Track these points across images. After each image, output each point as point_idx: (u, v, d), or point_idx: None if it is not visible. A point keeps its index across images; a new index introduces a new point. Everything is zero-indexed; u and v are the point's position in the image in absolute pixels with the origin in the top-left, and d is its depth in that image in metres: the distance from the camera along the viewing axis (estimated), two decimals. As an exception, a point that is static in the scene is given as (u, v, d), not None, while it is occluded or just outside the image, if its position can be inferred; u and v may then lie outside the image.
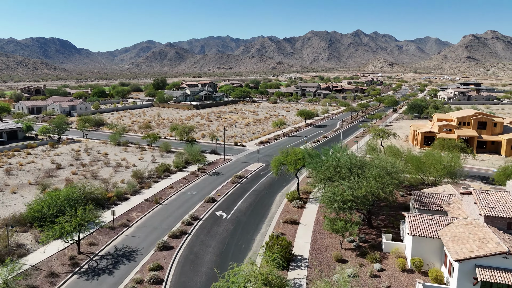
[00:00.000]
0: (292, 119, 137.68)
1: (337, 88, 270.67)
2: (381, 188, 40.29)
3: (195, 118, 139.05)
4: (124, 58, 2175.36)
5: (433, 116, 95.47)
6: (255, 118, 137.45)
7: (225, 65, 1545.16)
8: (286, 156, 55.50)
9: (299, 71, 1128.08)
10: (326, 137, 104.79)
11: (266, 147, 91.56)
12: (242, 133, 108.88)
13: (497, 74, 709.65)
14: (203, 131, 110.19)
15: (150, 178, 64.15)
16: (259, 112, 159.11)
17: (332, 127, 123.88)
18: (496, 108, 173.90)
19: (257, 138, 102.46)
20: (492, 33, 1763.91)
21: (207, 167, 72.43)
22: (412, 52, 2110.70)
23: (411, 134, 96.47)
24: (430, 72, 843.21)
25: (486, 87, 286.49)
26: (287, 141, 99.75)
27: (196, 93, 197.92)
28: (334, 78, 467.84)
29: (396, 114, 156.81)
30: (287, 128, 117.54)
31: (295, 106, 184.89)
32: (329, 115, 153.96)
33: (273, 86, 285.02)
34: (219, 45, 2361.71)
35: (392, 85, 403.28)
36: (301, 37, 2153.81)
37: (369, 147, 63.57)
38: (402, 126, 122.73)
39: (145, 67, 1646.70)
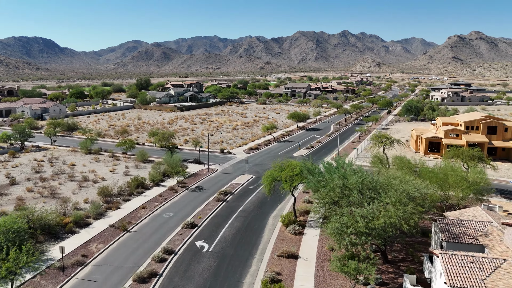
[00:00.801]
0: (282, 122, 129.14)
1: (327, 89, 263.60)
2: (403, 218, 31.76)
3: (178, 121, 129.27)
4: (109, 57, 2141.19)
5: (436, 120, 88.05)
6: (243, 121, 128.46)
7: (213, 65, 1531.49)
8: (280, 171, 46.68)
9: (287, 71, 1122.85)
10: (320, 142, 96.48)
11: (256, 155, 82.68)
12: (229, 138, 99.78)
13: (483, 74, 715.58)
14: (186, 136, 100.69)
15: (120, 196, 54.62)
16: (247, 114, 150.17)
17: (326, 130, 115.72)
18: (492, 109, 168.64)
19: (246, 144, 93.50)
20: (477, 33, 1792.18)
21: (189, 180, 63.17)
22: (399, 53, 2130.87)
23: (412, 139, 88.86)
24: (418, 72, 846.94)
25: (477, 87, 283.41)
26: (278, 147, 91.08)
27: (181, 94, 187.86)
28: (323, 78, 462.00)
29: (391, 116, 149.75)
30: (278, 132, 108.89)
31: (285, 107, 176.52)
32: (321, 117, 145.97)
33: (262, 86, 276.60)
34: (206, 45, 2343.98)
35: (382, 85, 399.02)
36: (289, 37, 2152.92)
37: (375, 158, 55.08)
38: (400, 129, 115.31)
39: (131, 67, 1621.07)
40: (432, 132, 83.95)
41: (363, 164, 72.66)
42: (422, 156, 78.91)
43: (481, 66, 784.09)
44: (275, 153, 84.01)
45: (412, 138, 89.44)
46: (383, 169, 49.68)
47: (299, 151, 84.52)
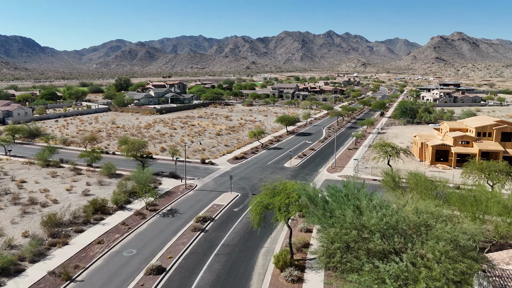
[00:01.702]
0: (271, 126, 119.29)
1: (316, 89, 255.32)
2: (453, 280, 22.07)
3: (157, 125, 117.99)
4: (92, 57, 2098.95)
5: (441, 125, 79.55)
6: (228, 125, 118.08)
7: (198, 64, 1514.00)
8: (272, 196, 36.62)
9: (273, 71, 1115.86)
10: (313, 149, 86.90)
11: (242, 166, 72.50)
12: (212, 145, 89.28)
13: (467, 74, 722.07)
14: (164, 143, 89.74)
15: (73, 225, 43.76)
16: (232, 117, 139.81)
17: (318, 135, 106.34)
18: (487, 110, 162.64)
19: (231, 152, 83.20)
20: (459, 34, 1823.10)
21: (161, 200, 52.59)
22: (383, 53, 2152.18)
23: (415, 146, 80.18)
24: (403, 72, 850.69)
25: (466, 87, 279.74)
26: (267, 155, 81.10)
27: (162, 95, 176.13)
28: (310, 79, 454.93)
29: (385, 118, 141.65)
30: (266, 138, 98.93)
31: (272, 109, 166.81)
32: (312, 119, 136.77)
33: (248, 86, 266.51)
34: (191, 45, 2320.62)
35: (370, 85, 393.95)
36: (275, 37, 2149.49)
37: (387, 177, 45.14)
38: (397, 133, 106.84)
39: (114, 66, 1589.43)
40: (438, 138, 75.30)
41: (366, 177, 63.31)
42: (428, 166, 70.18)
43: (465, 66, 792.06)
44: (264, 163, 74.05)
45: (415, 145, 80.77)
46: (398, 192, 40.08)
47: (290, 161, 74.73)
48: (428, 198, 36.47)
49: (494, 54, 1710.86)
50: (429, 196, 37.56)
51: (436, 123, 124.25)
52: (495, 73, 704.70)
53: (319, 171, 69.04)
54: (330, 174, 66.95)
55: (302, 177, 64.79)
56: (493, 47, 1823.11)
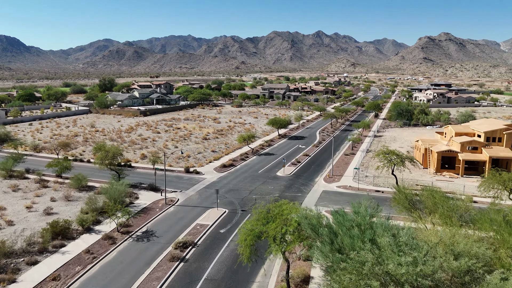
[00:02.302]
0: (261, 129, 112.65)
1: (306, 90, 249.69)
2: None
3: (139, 128, 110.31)
4: (79, 57, 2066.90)
5: (445, 128, 73.89)
6: (216, 128, 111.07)
7: (187, 64, 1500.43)
8: (265, 223, 29.94)
9: (263, 71, 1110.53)
10: (307, 155, 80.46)
11: (230, 175, 65.69)
12: (198, 151, 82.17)
13: (455, 74, 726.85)
14: (145, 150, 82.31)
15: (26, 254, 36.47)
16: (221, 119, 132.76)
17: (311, 139, 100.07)
18: (482, 111, 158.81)
19: (218, 158, 76.27)
20: (446, 35, 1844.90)
21: (137, 219, 45.49)
22: (371, 53, 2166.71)
23: (417, 151, 74.42)
24: (392, 73, 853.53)
25: (457, 87, 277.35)
26: (257, 162, 74.40)
27: (146, 96, 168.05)
28: (300, 79, 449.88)
29: (380, 120, 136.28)
30: (256, 142, 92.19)
31: (263, 110, 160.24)
32: (304, 121, 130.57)
33: (237, 87, 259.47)
34: (180, 44, 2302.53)
35: (360, 85, 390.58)
36: (264, 37, 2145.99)
37: (399, 193, 38.46)
38: (395, 137, 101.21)
39: (102, 66, 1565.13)
40: (442, 144, 69.59)
41: (367, 187, 57.09)
42: (433, 174, 64.36)
43: (453, 67, 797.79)
44: (254, 172, 67.35)
45: (416, 151, 74.99)
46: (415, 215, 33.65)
47: (283, 169, 68.11)
48: (452, 223, 30.28)
49: (480, 55, 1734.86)
50: (452, 221, 31.29)
51: (434, 125, 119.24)
52: (482, 73, 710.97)
53: (315, 181, 62.64)
54: (327, 184, 60.59)
55: (297, 188, 58.32)
56: (479, 48, 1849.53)
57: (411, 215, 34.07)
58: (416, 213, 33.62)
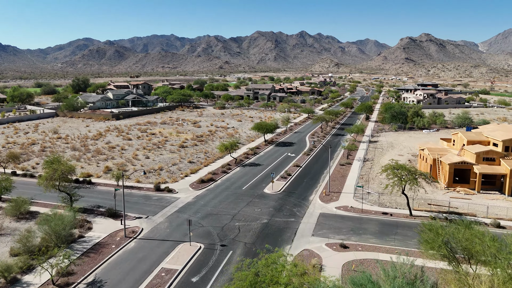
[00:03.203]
0: (246, 134, 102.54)
1: (292, 90, 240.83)
2: None
3: (109, 134, 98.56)
4: (57, 56, 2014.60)
5: (454, 136, 65.33)
6: (196, 133, 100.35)
7: (170, 64, 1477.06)
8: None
9: (247, 71, 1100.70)
10: (298, 165, 70.71)
11: (209, 193, 55.33)
12: (172, 162, 71.39)
13: (438, 74, 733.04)
14: (111, 161, 71.03)
15: None
16: (201, 122, 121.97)
17: (301, 145, 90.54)
18: (475, 112, 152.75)
19: (196, 171, 65.76)
20: (426, 36, 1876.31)
21: (84, 261, 34.68)
22: (354, 53, 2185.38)
23: (421, 160, 65.65)
24: (376, 73, 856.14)
25: (444, 88, 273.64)
26: (242, 176, 64.24)
27: (121, 97, 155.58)
28: (285, 79, 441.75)
29: (372, 123, 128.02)
30: (240, 150, 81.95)
31: (247, 113, 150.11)
32: (292, 125, 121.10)
33: (220, 87, 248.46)
34: (163, 44, 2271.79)
35: (346, 85, 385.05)
36: (248, 37, 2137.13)
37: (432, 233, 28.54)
38: (391, 142, 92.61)
39: (81, 66, 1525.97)
40: (452, 153, 60.94)
41: (372, 208, 47.64)
42: (446, 190, 55.52)
43: (435, 67, 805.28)
44: (238, 188, 57.20)
45: (421, 160, 66.19)
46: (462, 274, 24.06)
47: (272, 185, 58.11)
48: None
49: (460, 55, 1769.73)
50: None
51: (430, 128, 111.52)
52: (464, 73, 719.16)
53: (310, 200, 52.93)
54: (325, 204, 50.95)
55: (289, 210, 48.49)
56: (458, 48, 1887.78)
57: (455, 269, 24.42)
58: (461, 270, 23.92)
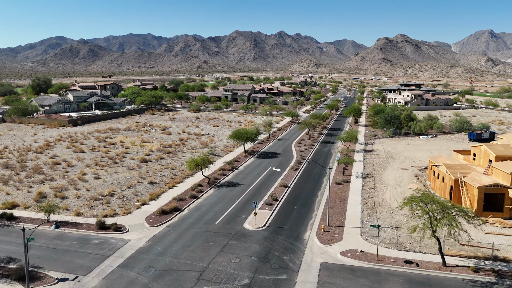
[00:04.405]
0: (223, 142, 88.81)
1: (273, 91, 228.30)
2: None
3: (59, 145, 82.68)
4: (28, 55, 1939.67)
5: (476, 149, 53.67)
6: (164, 143, 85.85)
7: (146, 63, 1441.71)
8: None
9: (225, 71, 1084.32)
10: (286, 185, 57.60)
11: (171, 231, 41.48)
12: (129, 183, 56.91)
13: (415, 74, 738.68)
14: (49, 183, 55.83)
15: None
16: (172, 128, 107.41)
17: (287, 156, 77.59)
18: (467, 114, 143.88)
19: (157, 196, 51.65)
20: (402, 36, 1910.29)
21: None
22: (332, 54, 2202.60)
23: (435, 179, 53.72)
24: (355, 73, 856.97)
25: (428, 88, 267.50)
26: (215, 203, 50.55)
27: (83, 100, 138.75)
28: (265, 79, 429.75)
29: (362, 128, 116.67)
30: (216, 163, 68.13)
31: (225, 116, 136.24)
32: (275, 130, 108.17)
33: (197, 88, 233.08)
34: (140, 43, 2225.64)
35: (327, 86, 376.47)
36: (226, 37, 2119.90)
37: None
38: (389, 152, 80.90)
39: (53, 65, 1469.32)
40: (476, 170, 49.24)
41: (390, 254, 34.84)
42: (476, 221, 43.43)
43: (412, 67, 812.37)
44: (210, 223, 43.55)
45: (435, 178, 54.22)
46: None
47: (255, 217, 44.67)
48: None
49: (434, 56, 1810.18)
50: None
51: (428, 134, 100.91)
52: (441, 73, 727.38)
53: (305, 239, 39.94)
54: (326, 247, 38.04)
55: (278, 260, 35.28)
56: (433, 49, 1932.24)
57: None
58: None
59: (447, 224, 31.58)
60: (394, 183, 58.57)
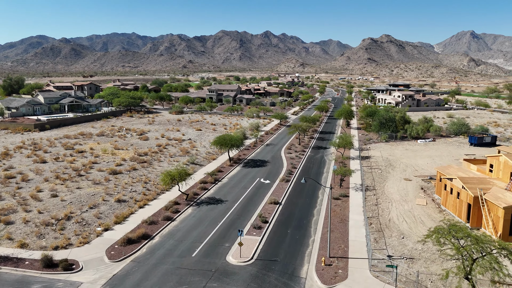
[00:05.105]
0: (205, 149, 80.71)
1: (260, 91, 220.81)
2: None
3: (19, 153, 73.14)
4: (8, 54, 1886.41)
5: (493, 159, 47.07)
6: (139, 150, 77.25)
7: (130, 63, 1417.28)
8: None
9: (211, 70, 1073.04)
10: (276, 201, 49.98)
11: (137, 268, 33.30)
12: (92, 201, 48.37)
13: (401, 74, 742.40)
14: (-4, 203, 46.85)
15: None
16: (151, 133, 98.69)
17: (276, 165, 70.02)
18: (461, 116, 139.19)
19: (124, 219, 43.33)
20: (387, 37, 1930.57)
21: None
22: (318, 54, 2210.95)
23: (446, 194, 46.87)
24: (341, 73, 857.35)
25: (416, 88, 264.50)
26: (195, 224, 42.58)
27: (55, 101, 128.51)
28: (251, 79, 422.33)
29: (355, 131, 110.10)
30: (197, 174, 60.04)
31: (209, 119, 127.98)
32: (262, 134, 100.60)
33: (180, 88, 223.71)
34: (124, 42, 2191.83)
35: (314, 86, 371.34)
36: (212, 36, 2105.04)
37: None
38: (387, 158, 74.16)
39: (34, 64, 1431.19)
40: (496, 184, 42.56)
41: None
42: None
43: (398, 67, 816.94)
44: (185, 256, 35.50)
45: (445, 193, 47.35)
46: None
47: (240, 248, 36.79)
48: None
49: (418, 56, 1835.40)
50: None
51: (426, 138, 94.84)
52: (426, 73, 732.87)
53: (302, 279, 32.29)
54: (329, 289, 30.48)
55: (271, 311, 27.46)
56: (417, 49, 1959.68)
57: None
58: None
59: (489, 268, 24.36)
60: (399, 197, 51.60)
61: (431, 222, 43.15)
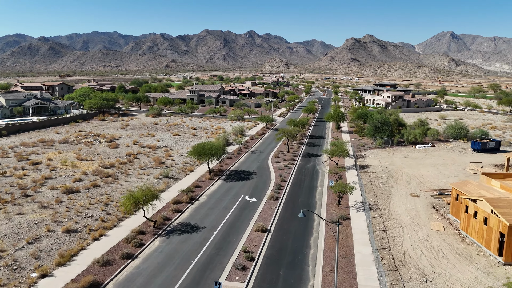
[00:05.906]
0: (182, 158, 71.26)
1: (244, 91, 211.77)
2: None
3: (-39, 166, 62.10)
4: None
5: None
6: (106, 160, 67.20)
7: (112, 62, 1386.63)
8: None
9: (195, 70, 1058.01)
10: (264, 229, 41.11)
11: None
12: (34, 233, 38.54)
13: (385, 74, 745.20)
14: None
15: None
16: (122, 139, 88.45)
17: (263, 178, 61.19)
18: (454, 117, 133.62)
19: (71, 257, 33.73)
20: (370, 37, 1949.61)
21: None
22: (302, 54, 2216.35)
23: (466, 217, 38.93)
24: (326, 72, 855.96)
25: (403, 88, 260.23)
26: (161, 266, 33.30)
27: (19, 103, 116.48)
28: (235, 78, 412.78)
29: (347, 135, 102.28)
30: (170, 192, 50.67)
31: (189, 122, 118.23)
32: (247, 139, 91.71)
33: (160, 88, 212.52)
34: (105, 41, 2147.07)
35: (300, 86, 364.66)
36: (196, 36, 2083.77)
37: None
38: (387, 168, 66.27)
39: (10, 64, 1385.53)
40: None
41: None
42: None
43: (381, 67, 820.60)
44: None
45: (463, 214, 39.41)
46: None
47: (218, 301, 27.76)
48: None
49: (400, 56, 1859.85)
50: None
51: (425, 143, 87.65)
52: (409, 73, 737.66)
53: None
54: None
55: None
56: (399, 50, 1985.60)
57: None
58: None
59: None
60: (410, 220, 43.53)
61: (455, 256, 35.10)
